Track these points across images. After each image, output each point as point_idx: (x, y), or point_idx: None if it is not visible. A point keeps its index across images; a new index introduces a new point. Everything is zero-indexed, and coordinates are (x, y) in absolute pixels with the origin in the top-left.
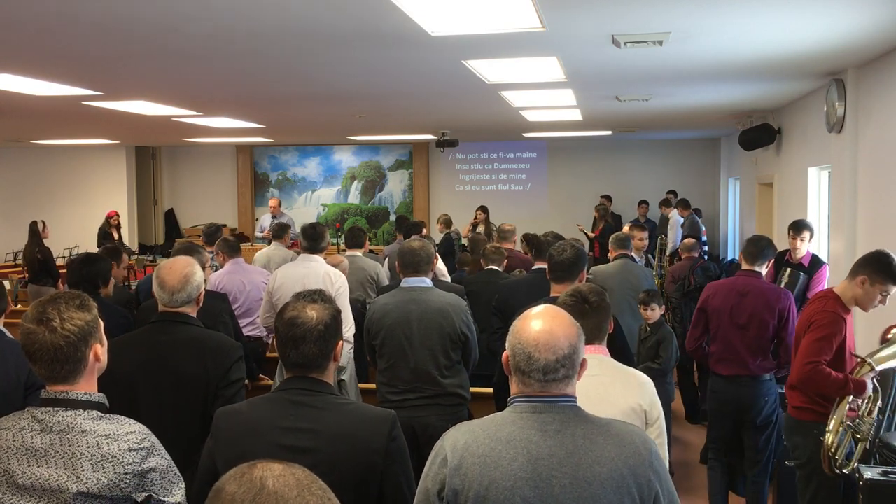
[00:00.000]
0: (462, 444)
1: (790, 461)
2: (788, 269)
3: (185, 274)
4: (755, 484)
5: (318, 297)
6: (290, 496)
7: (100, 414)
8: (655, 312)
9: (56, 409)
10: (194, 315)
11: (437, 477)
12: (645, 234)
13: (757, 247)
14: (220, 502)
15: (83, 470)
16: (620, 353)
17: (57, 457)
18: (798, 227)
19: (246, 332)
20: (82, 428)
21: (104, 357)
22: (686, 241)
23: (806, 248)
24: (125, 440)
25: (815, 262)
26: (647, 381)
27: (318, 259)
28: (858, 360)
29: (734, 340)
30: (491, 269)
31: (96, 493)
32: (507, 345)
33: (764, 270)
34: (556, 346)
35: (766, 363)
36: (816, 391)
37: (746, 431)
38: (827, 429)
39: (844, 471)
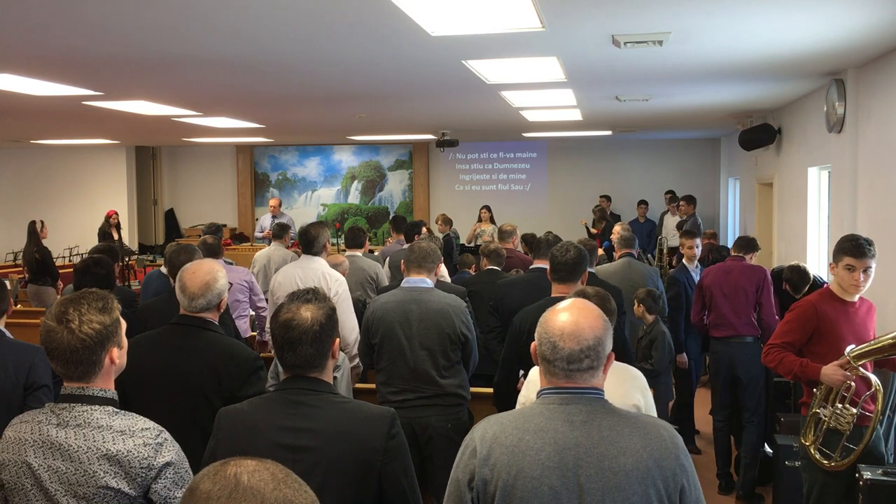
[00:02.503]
0: (491, 434)
1: (790, 461)
2: None
3: (207, 281)
4: (749, 434)
5: (311, 296)
6: (266, 490)
7: (115, 410)
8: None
9: (73, 404)
10: (216, 320)
11: (466, 467)
12: (694, 242)
13: (744, 241)
14: (195, 501)
15: (99, 464)
16: (621, 353)
17: (73, 450)
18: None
19: None
20: (98, 423)
21: (120, 360)
22: (708, 230)
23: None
24: (140, 436)
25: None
26: (638, 375)
27: (318, 260)
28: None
29: (723, 308)
30: (491, 269)
31: (113, 486)
32: (535, 335)
33: (748, 258)
34: (580, 337)
35: (749, 326)
36: (775, 371)
37: (740, 393)
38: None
39: (832, 463)
